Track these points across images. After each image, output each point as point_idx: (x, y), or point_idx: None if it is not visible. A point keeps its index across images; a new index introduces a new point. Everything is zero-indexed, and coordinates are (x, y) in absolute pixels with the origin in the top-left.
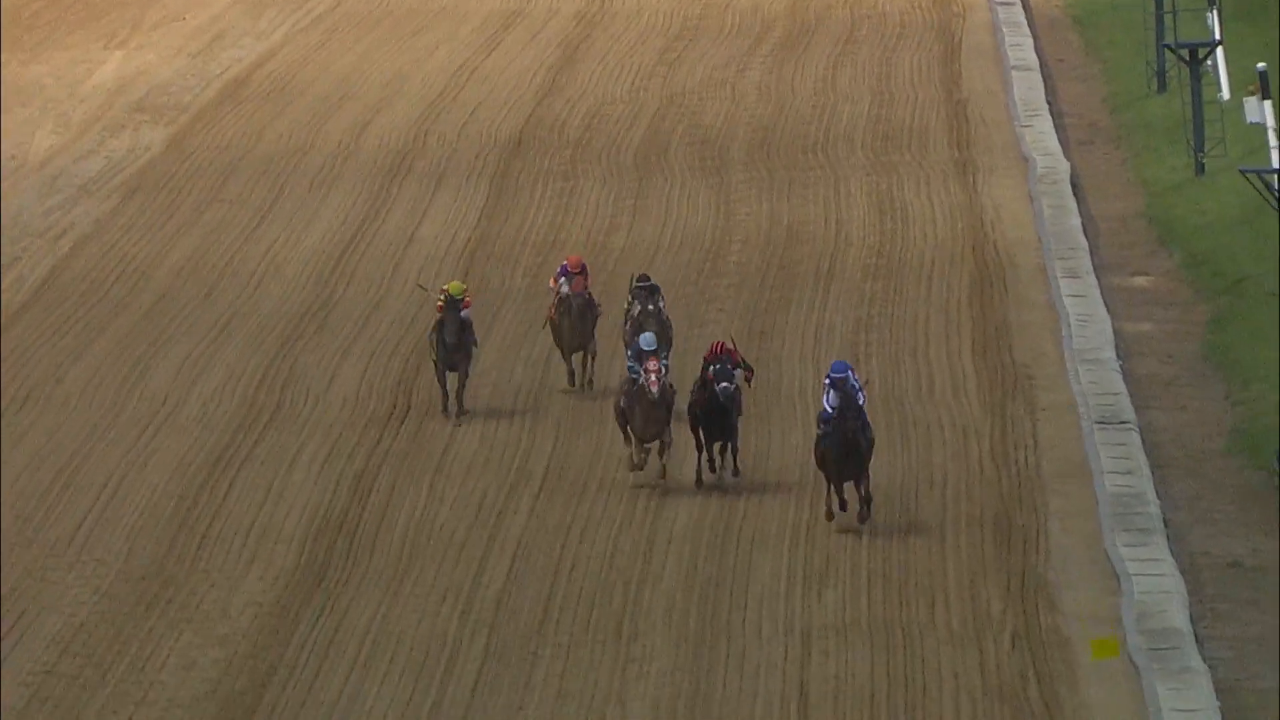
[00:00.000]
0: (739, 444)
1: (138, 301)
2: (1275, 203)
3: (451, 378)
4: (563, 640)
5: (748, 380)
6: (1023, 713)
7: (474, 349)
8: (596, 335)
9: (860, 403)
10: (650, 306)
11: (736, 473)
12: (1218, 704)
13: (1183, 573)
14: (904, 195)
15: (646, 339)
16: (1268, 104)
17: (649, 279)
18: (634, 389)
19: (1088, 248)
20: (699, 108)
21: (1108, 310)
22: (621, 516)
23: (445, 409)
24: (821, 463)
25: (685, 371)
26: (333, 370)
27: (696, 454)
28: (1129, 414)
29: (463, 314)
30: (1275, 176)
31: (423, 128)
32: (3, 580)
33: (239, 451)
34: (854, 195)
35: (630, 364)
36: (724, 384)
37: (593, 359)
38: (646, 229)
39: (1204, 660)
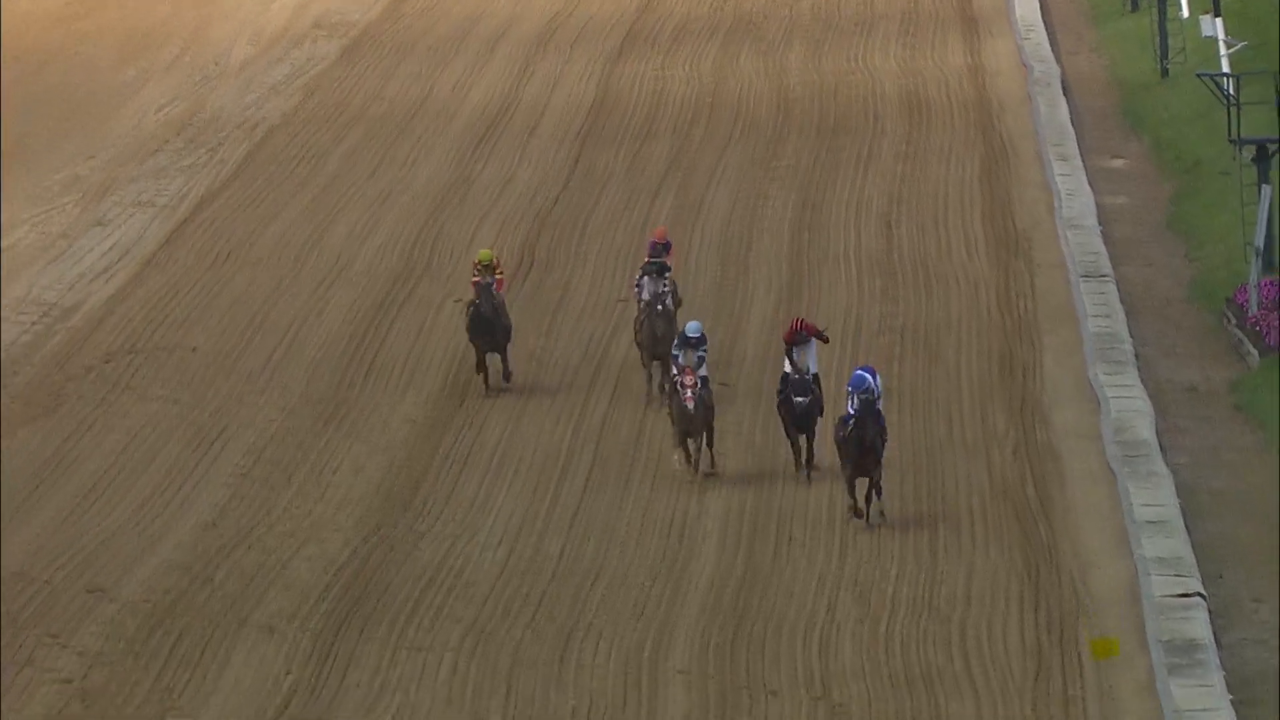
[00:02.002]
0: (815, 439)
1: (316, 179)
2: (1224, 100)
3: (492, 360)
4: (653, 455)
5: (825, 340)
6: (1021, 509)
7: (510, 325)
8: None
9: (879, 407)
10: (659, 306)
11: (809, 475)
12: (1178, 501)
13: (1150, 396)
14: (927, 93)
15: (692, 326)
16: (1219, 21)
17: (660, 257)
18: (675, 383)
19: (1075, 136)
20: (763, 25)
21: (1090, 186)
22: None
23: (486, 386)
24: (840, 456)
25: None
26: (471, 233)
27: (790, 444)
28: (1107, 269)
29: (495, 293)
30: (1225, 79)
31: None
32: (209, 402)
33: (397, 299)
34: (887, 95)
35: (675, 353)
36: (799, 398)
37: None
38: (722, 118)
39: (1167, 466)
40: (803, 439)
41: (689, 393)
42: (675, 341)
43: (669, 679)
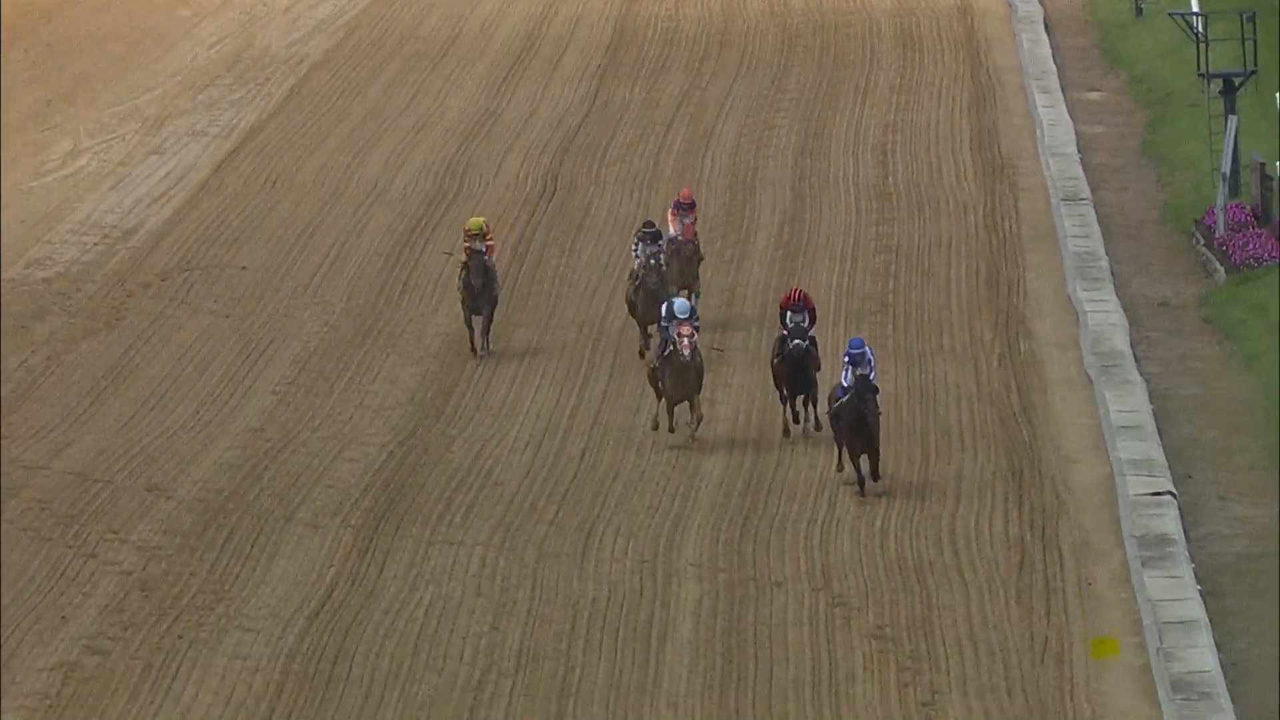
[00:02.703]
0: (818, 397)
1: (355, 111)
2: (1194, 37)
3: (477, 321)
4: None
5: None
6: (1005, 413)
7: (499, 294)
8: (701, 274)
9: (872, 374)
10: (652, 261)
11: (818, 426)
12: (1151, 407)
13: (1125, 310)
14: (919, 31)
15: (680, 305)
16: None
17: (653, 225)
18: (666, 352)
19: (1056, 71)
20: None
21: (1070, 117)
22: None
23: (473, 348)
24: (834, 431)
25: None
26: (499, 161)
27: (781, 406)
28: (1086, 193)
29: (486, 260)
30: (1194, 18)
31: None
32: (257, 316)
33: (430, 222)
34: (883, 33)
35: (664, 324)
36: (796, 341)
37: (697, 299)
38: (731, 54)
39: (1140, 374)
40: (805, 400)
41: (685, 341)
42: (664, 314)
43: (682, 571)
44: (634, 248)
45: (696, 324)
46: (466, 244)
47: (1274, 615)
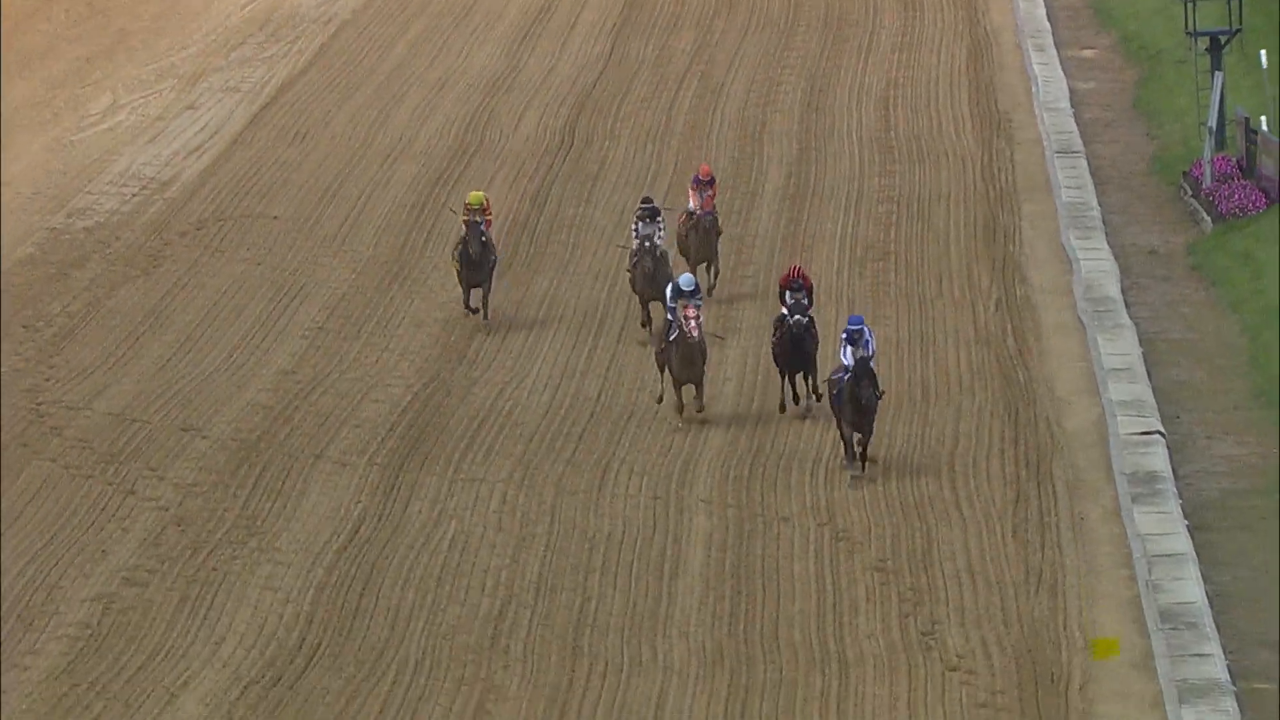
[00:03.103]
0: (816, 372)
1: (381, 67)
2: None
3: (475, 293)
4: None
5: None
6: (1001, 355)
7: (495, 265)
8: (720, 249)
9: (870, 352)
10: (648, 244)
11: (818, 397)
12: (1141, 350)
13: (1116, 257)
14: None
15: (686, 280)
16: None
17: (651, 201)
18: (674, 334)
19: (1050, 30)
20: None
21: (1064, 73)
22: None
23: (469, 308)
24: (834, 410)
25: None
26: (519, 115)
27: (780, 381)
28: (1079, 146)
29: (484, 232)
30: None
31: None
32: (288, 263)
33: (453, 173)
34: None
35: (670, 305)
36: (796, 317)
37: (716, 274)
38: (740, 13)
39: (1131, 319)
40: (805, 377)
41: (693, 323)
42: (669, 294)
43: (693, 507)
44: (633, 227)
45: (700, 301)
46: (465, 217)
47: (1259, 549)
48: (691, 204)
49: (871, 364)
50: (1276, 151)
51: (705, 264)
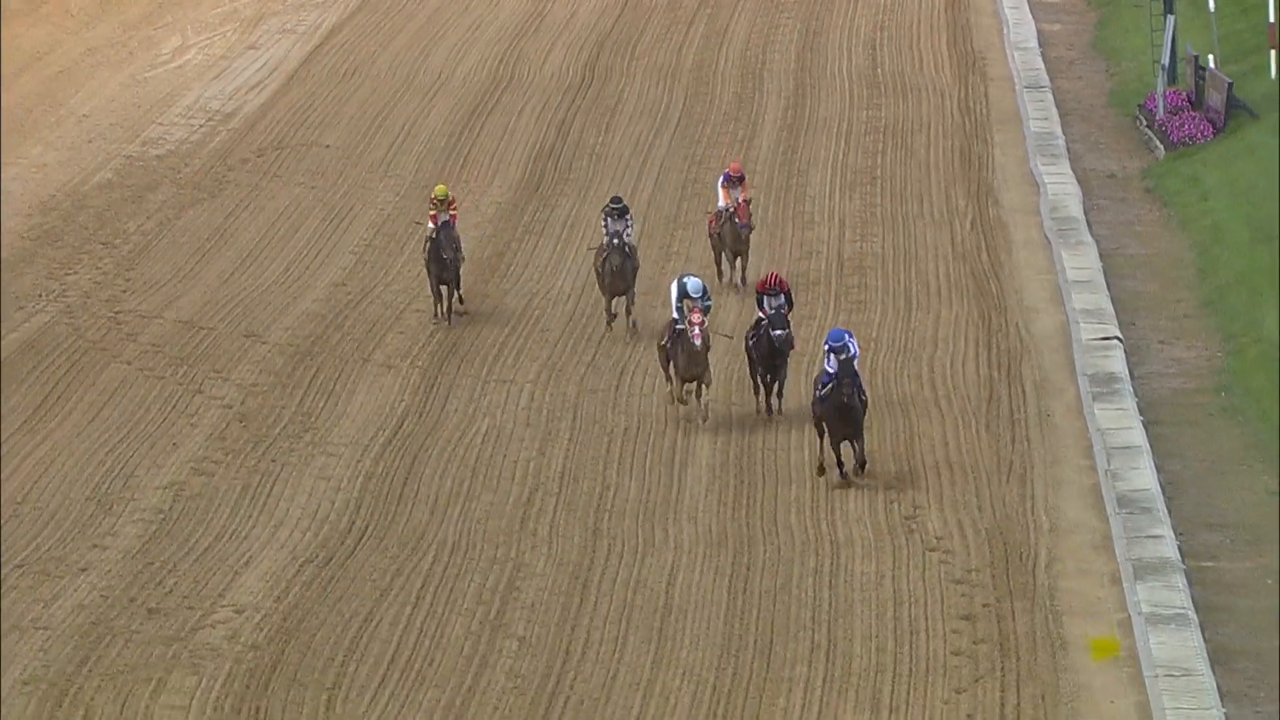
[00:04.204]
0: (785, 382)
1: (421, 12)
2: None
3: (444, 290)
4: (685, 236)
5: (791, 304)
6: (975, 269)
7: (461, 264)
8: (752, 242)
9: (856, 365)
10: (616, 241)
11: (780, 411)
12: (1101, 264)
13: (1078, 181)
14: None
15: (694, 284)
16: None
17: (620, 200)
18: (677, 333)
19: None
20: None
21: (1032, 16)
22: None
23: (437, 314)
24: (818, 423)
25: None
26: (544, 55)
27: (754, 390)
28: (1046, 81)
29: (454, 231)
30: None
31: None
32: (339, 187)
33: (486, 106)
34: None
35: (675, 304)
36: (778, 331)
37: (745, 266)
38: None
39: (1092, 236)
40: (772, 382)
41: (697, 330)
42: (675, 295)
43: (701, 404)
44: (602, 223)
45: (708, 305)
46: (433, 211)
47: (1205, 442)
48: (722, 201)
49: (855, 366)
50: (1223, 86)
51: (736, 258)
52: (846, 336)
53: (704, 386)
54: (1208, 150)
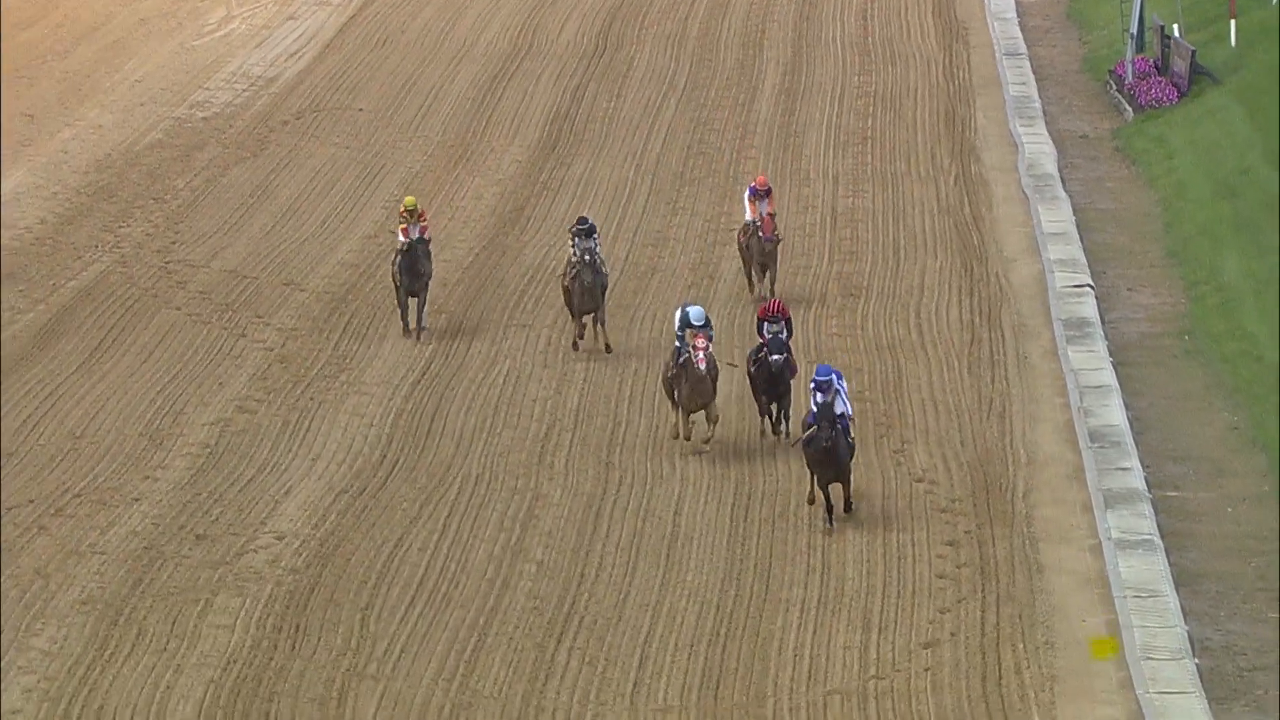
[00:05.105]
0: (789, 407)
1: None
2: None
3: (412, 303)
4: (691, 194)
5: (790, 331)
6: (960, 223)
7: (430, 276)
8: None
9: (842, 410)
10: (587, 258)
11: (788, 434)
12: (1074, 218)
13: (1054, 141)
14: None
15: (696, 313)
16: None
17: (587, 220)
18: (681, 361)
19: None
20: None
21: None
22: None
23: (406, 329)
24: (806, 463)
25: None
26: (561, 24)
27: (760, 411)
28: (1023, 49)
29: (428, 242)
30: None
31: None
32: (371, 147)
33: (507, 72)
34: None
35: (678, 332)
36: (775, 356)
37: (773, 280)
38: None
39: (1066, 192)
40: (774, 407)
41: (701, 355)
42: (678, 323)
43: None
44: (571, 243)
45: (710, 334)
46: (404, 224)
47: (1170, 381)
48: (749, 215)
49: (847, 414)
50: (1186, 54)
51: (764, 271)
52: (834, 376)
53: (710, 424)
54: (1173, 113)
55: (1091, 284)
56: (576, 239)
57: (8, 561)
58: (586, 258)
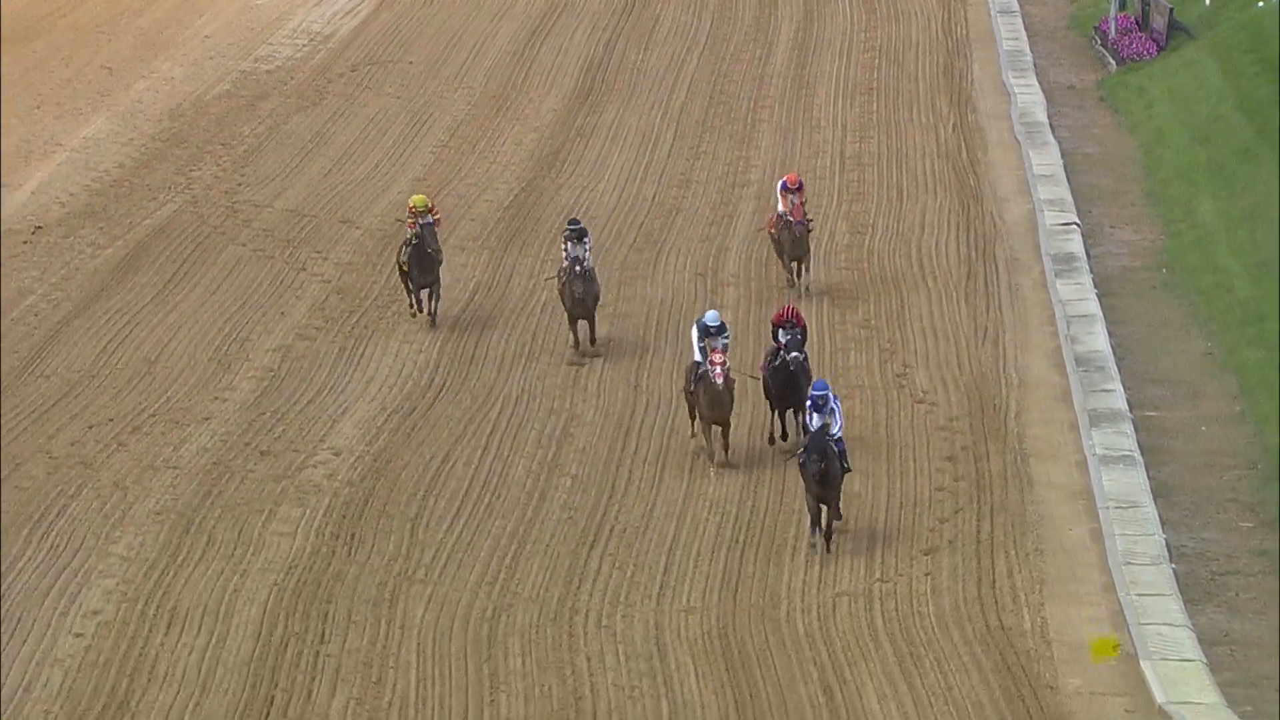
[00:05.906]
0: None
1: None
2: None
3: (424, 292)
4: (714, 132)
5: (804, 335)
6: (958, 166)
7: (440, 266)
8: (811, 246)
9: (837, 429)
10: (578, 269)
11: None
12: (1062, 162)
13: (1043, 91)
14: None
15: (711, 315)
16: None
17: (578, 222)
18: (700, 375)
19: None
20: None
21: None
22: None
23: (414, 309)
24: (802, 475)
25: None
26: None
27: (770, 415)
28: (1016, 7)
29: (437, 232)
30: None
31: None
32: (420, 97)
33: (544, 27)
34: None
35: (698, 346)
36: (794, 354)
37: (808, 270)
38: None
39: (1054, 138)
40: (796, 414)
41: (718, 370)
42: (696, 333)
43: (725, 281)
44: (563, 248)
45: (726, 341)
46: (411, 219)
47: (1150, 310)
48: (780, 207)
49: (838, 436)
50: (1165, 11)
51: (798, 261)
52: (830, 395)
53: (726, 435)
54: (1152, 66)
55: (1078, 222)
56: (568, 244)
57: (90, 476)
58: (577, 268)
